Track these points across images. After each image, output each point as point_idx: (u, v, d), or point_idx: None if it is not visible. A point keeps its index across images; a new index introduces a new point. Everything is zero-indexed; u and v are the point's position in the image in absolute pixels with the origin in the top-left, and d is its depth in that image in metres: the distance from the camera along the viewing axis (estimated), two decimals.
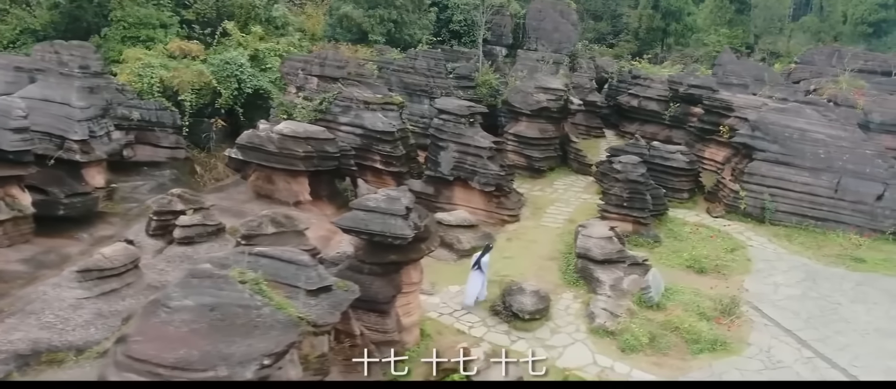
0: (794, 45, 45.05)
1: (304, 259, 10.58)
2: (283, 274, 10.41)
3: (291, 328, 9.38)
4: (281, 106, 23.48)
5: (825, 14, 48.02)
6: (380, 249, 12.93)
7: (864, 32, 52.78)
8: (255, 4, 31.75)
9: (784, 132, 23.56)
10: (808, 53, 42.98)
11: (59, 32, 30.33)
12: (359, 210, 12.70)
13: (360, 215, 12.62)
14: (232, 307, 9.31)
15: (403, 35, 33.03)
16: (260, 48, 28.48)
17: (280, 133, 20.30)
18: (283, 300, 9.85)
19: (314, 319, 9.83)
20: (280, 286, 10.33)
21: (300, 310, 9.86)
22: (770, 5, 44.36)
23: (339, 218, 13.07)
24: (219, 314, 9.25)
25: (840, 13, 46.92)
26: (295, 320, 9.52)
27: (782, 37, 45.39)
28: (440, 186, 22.92)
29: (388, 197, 12.70)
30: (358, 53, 30.34)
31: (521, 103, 27.75)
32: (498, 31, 34.72)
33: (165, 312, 9.23)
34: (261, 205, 20.59)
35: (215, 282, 9.56)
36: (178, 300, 9.30)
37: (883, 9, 52.35)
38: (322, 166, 20.81)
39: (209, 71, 25.68)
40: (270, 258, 10.60)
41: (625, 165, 21.43)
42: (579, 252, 18.41)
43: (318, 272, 10.57)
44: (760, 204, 23.05)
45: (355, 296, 11.04)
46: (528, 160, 27.76)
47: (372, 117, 22.56)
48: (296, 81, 23.54)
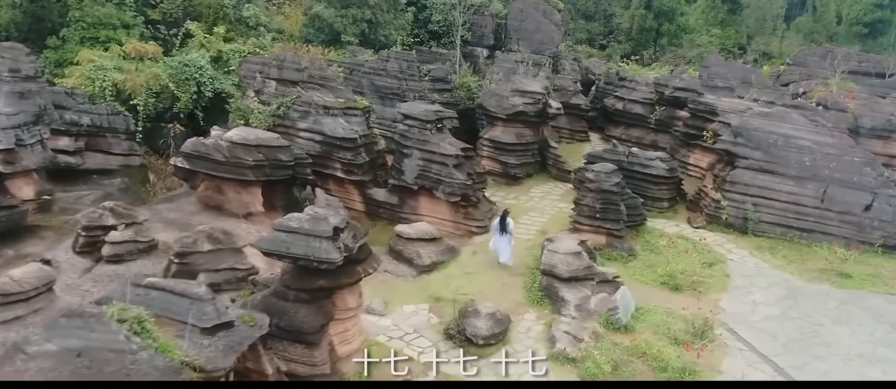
0: (787, 46, 43.65)
1: (198, 292, 9.29)
2: (175, 310, 9.15)
3: (171, 375, 8.09)
4: (237, 111, 22.18)
5: (819, 14, 46.62)
6: (306, 274, 11.64)
7: (860, 33, 51.53)
8: (224, 4, 30.46)
9: (768, 138, 22.23)
10: (801, 55, 41.60)
11: (21, 33, 29.11)
12: (280, 231, 11.40)
13: (281, 237, 11.33)
14: (102, 352, 8.04)
15: (378, 36, 31.72)
16: (224, 49, 27.19)
17: (229, 141, 19.01)
18: (167, 342, 8.58)
19: (202, 364, 8.54)
20: (170, 324, 9.05)
21: (187, 353, 8.56)
22: (762, 5, 43.00)
23: (258, 240, 11.77)
24: (85, 361, 8.00)
25: (833, 13, 45.54)
26: (177, 366, 8.24)
27: (775, 37, 43.96)
28: (404, 195, 21.63)
29: (314, 217, 11.41)
30: (329, 55, 29.03)
31: (495, 107, 26.44)
32: (479, 32, 33.39)
33: (21, 359, 7.96)
34: (209, 217, 19.32)
35: (86, 322, 8.28)
36: (39, 345, 8.04)
37: (878, 9, 51.19)
38: (274, 176, 19.52)
39: (166, 73, 24.40)
40: (162, 291, 9.32)
41: (597, 173, 20.11)
42: (544, 269, 17.13)
43: (216, 307, 9.29)
44: (743, 214, 21.75)
45: (262, 332, 9.76)
46: (503, 167, 26.45)
47: (332, 123, 21.26)
48: (253, 84, 22.25)
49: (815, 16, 47.15)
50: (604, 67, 39.59)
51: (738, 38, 47.19)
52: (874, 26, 52.01)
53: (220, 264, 15.06)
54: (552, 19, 34.39)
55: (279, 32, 34.89)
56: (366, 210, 22.18)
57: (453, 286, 17.74)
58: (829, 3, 47.16)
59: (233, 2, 30.90)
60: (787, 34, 45.96)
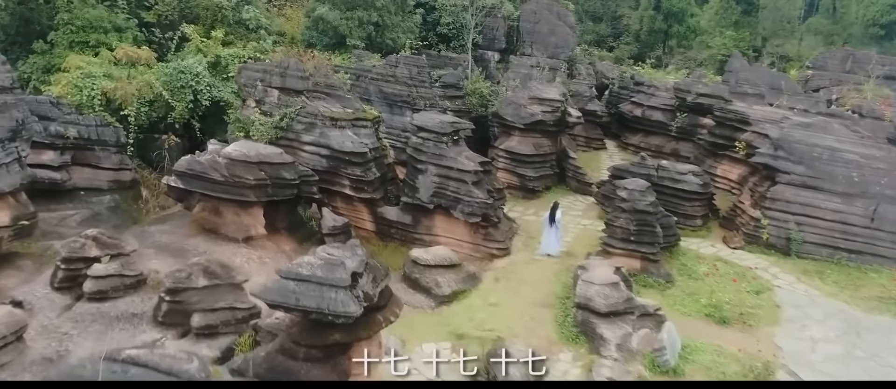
0: (805, 48, 41.77)
1: (188, 370, 7.35)
2: None
3: None
4: (236, 122, 20.24)
5: (838, 15, 44.74)
6: (319, 327, 9.72)
7: (876, 34, 49.68)
8: (223, 6, 28.49)
9: (812, 152, 20.35)
10: (821, 57, 39.76)
11: (8, 36, 27.17)
12: (289, 279, 9.46)
13: (289, 287, 9.43)
14: None
15: (385, 39, 29.77)
16: (222, 54, 25.22)
17: (228, 157, 17.08)
18: None
19: None
20: None
21: None
22: (780, 6, 41.09)
23: (262, 289, 9.82)
24: None
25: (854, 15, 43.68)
26: None
27: (792, 39, 42.08)
28: (418, 214, 19.70)
29: (328, 262, 9.49)
30: (333, 60, 27.08)
31: (513, 116, 24.53)
32: (490, 35, 31.45)
33: None
34: (206, 241, 17.42)
35: None
36: None
37: (895, 10, 49.30)
38: (278, 196, 17.60)
39: (160, 81, 22.43)
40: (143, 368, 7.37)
41: (632, 192, 18.18)
42: (579, 302, 15.20)
43: None
44: (785, 234, 19.87)
45: None
46: (521, 180, 24.55)
47: (340, 136, 19.33)
48: (254, 93, 20.31)
49: (835, 17, 45.26)
50: (617, 70, 37.68)
51: (752, 41, 45.32)
52: (891, 28, 50.17)
53: (217, 302, 13.14)
54: (566, 22, 32.50)
55: (280, 35, 32.95)
56: (376, 230, 20.26)
57: (477, 320, 15.83)
58: (850, 4, 45.27)
59: (231, 3, 28.92)
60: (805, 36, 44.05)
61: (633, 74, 36.42)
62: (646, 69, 37.80)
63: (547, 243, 19.52)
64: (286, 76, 19.99)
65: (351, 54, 28.67)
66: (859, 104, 26.62)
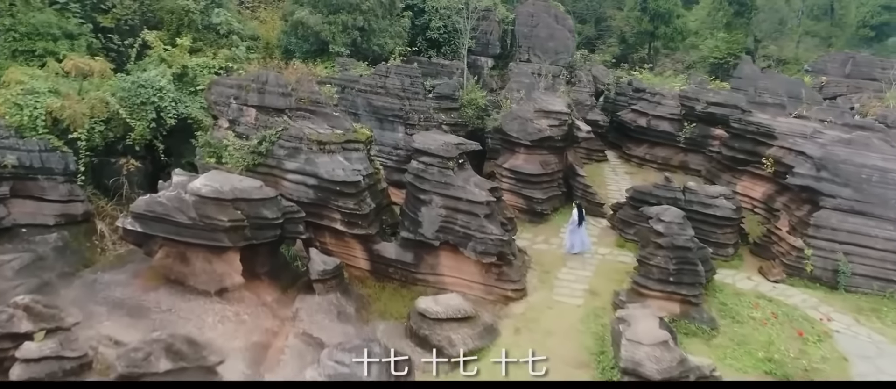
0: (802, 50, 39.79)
1: None
2: None
3: None
4: (206, 147, 17.14)
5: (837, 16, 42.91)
6: None
7: (866, 36, 48.15)
8: (190, 9, 25.16)
9: (859, 173, 17.97)
10: (820, 60, 37.93)
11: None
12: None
13: None
14: None
15: (372, 45, 26.73)
16: (189, 64, 21.92)
17: (196, 194, 13.98)
18: None
19: None
20: None
21: None
22: (779, 7, 39.00)
23: None
24: None
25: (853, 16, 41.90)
26: None
27: (789, 42, 40.08)
28: (421, 251, 16.82)
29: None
30: (316, 69, 24.02)
31: (519, 132, 21.75)
32: (483, 40, 28.64)
33: None
34: (171, 293, 14.33)
35: None
36: None
37: (886, 11, 47.81)
38: (258, 238, 14.58)
39: (116, 97, 19.12)
40: None
41: (669, 226, 15.54)
42: (626, 366, 12.46)
43: None
44: (832, 266, 17.51)
45: None
46: (528, 202, 21.81)
47: (329, 162, 16.34)
48: (227, 112, 17.21)
49: (833, 18, 43.43)
50: (611, 75, 35.15)
51: (745, 42, 43.23)
52: (881, 29, 48.71)
53: None
54: (565, 25, 29.89)
55: (254, 40, 29.70)
56: (371, 269, 17.32)
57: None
58: (849, 6, 43.50)
59: (200, 6, 25.60)
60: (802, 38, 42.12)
61: (632, 80, 34.00)
62: (644, 74, 35.29)
63: (578, 242, 19.34)
64: (265, 92, 16.92)
65: (334, 63, 25.62)
66: (884, 113, 24.46)
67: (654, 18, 49.91)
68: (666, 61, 49.51)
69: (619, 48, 51.33)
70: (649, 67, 41.14)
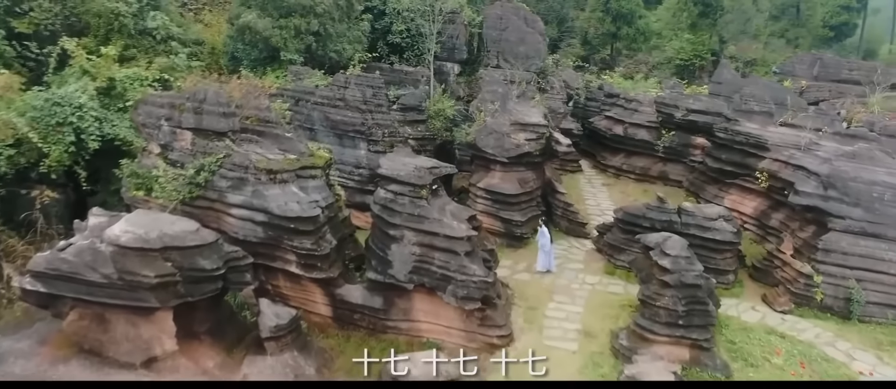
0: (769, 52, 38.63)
1: None
2: None
3: None
4: (133, 177, 14.23)
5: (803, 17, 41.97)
6: None
7: (825, 36, 47.64)
8: (120, 12, 21.96)
9: (870, 191, 16.25)
10: (789, 62, 36.81)
11: None
12: None
13: None
14: None
15: (328, 52, 23.94)
16: (118, 77, 18.82)
17: (115, 244, 11.18)
18: None
19: None
20: None
21: None
22: (746, 9, 37.71)
23: None
24: None
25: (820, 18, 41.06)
26: None
27: (756, 43, 38.89)
28: (392, 295, 14.30)
29: None
30: (266, 79, 21.18)
31: (495, 148, 19.41)
32: (449, 44, 26.18)
33: None
34: (87, 366, 11.45)
35: None
36: None
37: (845, 11, 47.41)
38: (194, 294, 11.82)
39: (25, 118, 15.99)
40: None
41: (676, 261, 13.41)
42: None
43: None
44: (844, 294, 15.76)
45: None
46: (506, 225, 19.51)
47: (281, 195, 13.65)
48: (158, 135, 14.36)
49: (799, 19, 42.47)
50: (581, 79, 33.17)
51: (711, 44, 41.93)
52: (839, 29, 48.32)
53: None
54: (536, 28, 27.65)
55: (198, 45, 26.59)
56: (334, 316, 14.71)
57: None
58: (816, 7, 42.64)
59: (132, 9, 22.39)
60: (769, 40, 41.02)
61: (602, 84, 32.13)
62: (615, 78, 33.47)
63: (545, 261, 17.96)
64: (203, 112, 14.09)
65: (286, 71, 22.79)
66: (870, 120, 23.05)
67: (616, 19, 48.54)
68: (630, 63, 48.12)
69: (582, 49, 49.79)
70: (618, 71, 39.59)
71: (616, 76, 33.96)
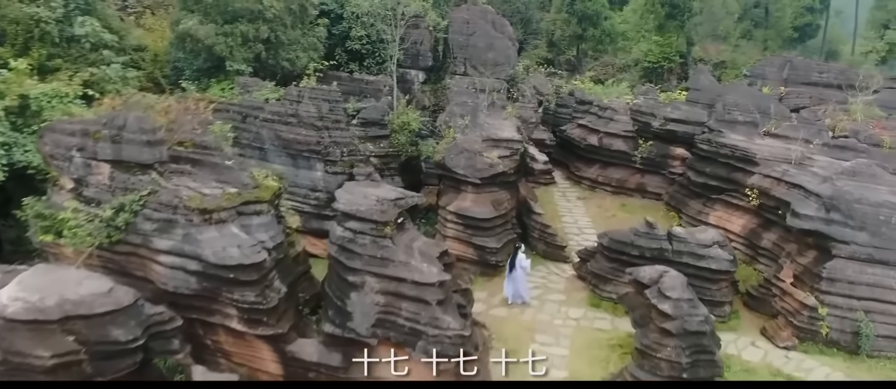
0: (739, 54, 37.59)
1: None
2: None
3: None
4: (40, 219, 11.80)
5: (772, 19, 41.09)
6: None
7: (789, 37, 47.01)
8: (41, 18, 19.25)
9: (876, 213, 14.76)
10: (759, 65, 35.68)
11: None
12: None
13: None
14: None
15: (280, 60, 21.59)
16: (32, 94, 16.19)
17: (0, 317, 8.76)
18: None
19: None
20: None
21: None
22: (715, 11, 36.57)
23: None
24: None
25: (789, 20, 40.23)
26: None
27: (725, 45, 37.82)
28: (352, 350, 12.15)
29: None
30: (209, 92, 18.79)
31: (466, 169, 17.41)
32: (413, 51, 24.10)
33: None
34: None
35: None
36: None
37: (809, 12, 46.89)
38: (106, 373, 9.49)
39: None
40: None
41: (678, 305, 11.63)
42: None
43: None
44: (852, 327, 14.26)
45: None
46: (479, 253, 17.55)
47: (218, 238, 11.40)
48: (70, 169, 11.96)
49: (768, 22, 41.59)
50: (551, 85, 31.46)
51: (679, 46, 40.74)
52: (803, 30, 47.81)
53: None
54: (505, 32, 25.78)
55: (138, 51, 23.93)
56: (286, 374, 12.48)
57: None
58: (785, 9, 41.80)
59: (56, 14, 19.67)
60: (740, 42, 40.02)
61: (573, 90, 30.47)
62: (586, 83, 31.85)
63: (515, 290, 16.12)
64: (122, 141, 11.70)
65: (234, 83, 20.38)
66: (855, 129, 21.81)
67: (582, 20, 47.11)
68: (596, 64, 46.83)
69: (547, 51, 48.30)
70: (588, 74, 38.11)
71: (586, 81, 32.34)
